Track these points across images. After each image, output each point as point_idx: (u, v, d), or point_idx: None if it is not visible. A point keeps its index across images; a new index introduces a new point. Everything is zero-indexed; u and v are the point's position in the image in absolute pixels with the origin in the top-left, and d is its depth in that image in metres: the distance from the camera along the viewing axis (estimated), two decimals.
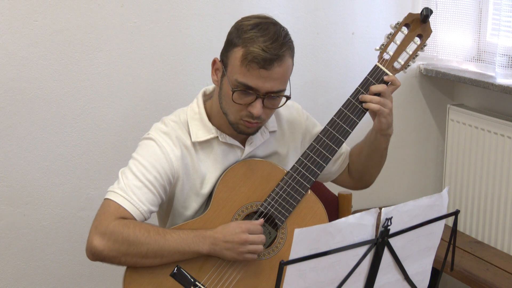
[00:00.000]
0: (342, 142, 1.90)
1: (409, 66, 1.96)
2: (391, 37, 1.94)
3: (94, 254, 1.77)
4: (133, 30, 2.59)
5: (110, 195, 1.82)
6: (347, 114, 1.90)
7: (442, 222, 1.58)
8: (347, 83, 3.00)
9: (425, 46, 1.97)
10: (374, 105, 1.87)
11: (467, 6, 2.96)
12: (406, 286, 1.58)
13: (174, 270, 1.78)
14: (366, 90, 1.90)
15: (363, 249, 1.45)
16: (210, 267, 1.82)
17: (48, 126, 2.53)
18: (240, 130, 1.85)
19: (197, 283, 1.79)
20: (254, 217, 1.88)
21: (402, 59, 1.95)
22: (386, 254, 1.49)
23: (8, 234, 2.54)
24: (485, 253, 2.86)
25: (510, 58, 2.77)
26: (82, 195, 2.63)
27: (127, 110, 2.64)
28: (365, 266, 1.48)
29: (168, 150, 1.85)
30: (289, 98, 1.84)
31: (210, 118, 1.91)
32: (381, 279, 1.51)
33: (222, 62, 1.84)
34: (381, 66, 1.92)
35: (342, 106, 1.90)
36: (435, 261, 1.63)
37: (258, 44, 1.75)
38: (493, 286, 2.59)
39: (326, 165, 1.89)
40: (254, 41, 1.76)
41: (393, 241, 1.48)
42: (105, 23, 2.54)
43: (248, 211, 1.87)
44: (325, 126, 1.91)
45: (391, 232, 1.47)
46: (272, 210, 1.86)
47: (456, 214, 1.60)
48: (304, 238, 1.37)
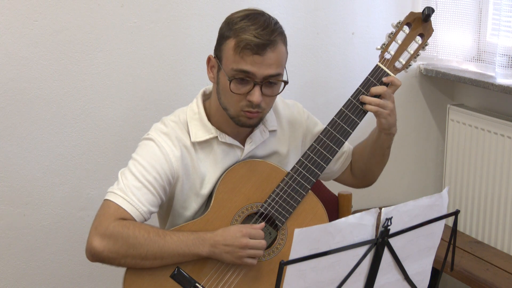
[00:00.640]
0: (343, 143, 1.89)
1: (410, 65, 1.96)
2: (393, 36, 1.93)
3: (94, 255, 1.77)
4: (133, 30, 2.59)
5: (109, 196, 1.82)
6: (348, 114, 1.89)
7: (442, 222, 1.58)
8: (347, 83, 2.99)
9: (426, 45, 1.96)
10: (372, 107, 1.87)
11: (467, 6, 2.96)
12: (406, 286, 1.58)
13: (174, 271, 1.78)
14: (367, 90, 1.89)
15: (363, 249, 1.45)
16: (210, 269, 1.82)
17: (48, 126, 2.53)
18: (241, 123, 1.84)
19: (197, 285, 1.79)
20: (254, 217, 1.88)
21: (403, 59, 1.94)
22: (386, 254, 1.49)
23: (8, 234, 2.54)
24: (485, 253, 2.86)
25: (510, 58, 2.77)
26: (82, 195, 2.62)
27: (127, 110, 2.64)
28: (365, 266, 1.48)
29: (167, 151, 1.85)
30: (287, 82, 1.83)
31: (209, 118, 1.90)
32: (381, 279, 1.51)
33: (217, 57, 1.85)
34: (382, 66, 1.91)
35: (343, 106, 1.90)
36: (435, 261, 1.63)
37: (249, 32, 1.76)
38: (493, 286, 2.58)
39: (327, 165, 1.89)
40: (245, 30, 1.77)
41: (393, 241, 1.48)
42: (105, 23, 2.54)
43: (248, 212, 1.87)
44: (325, 127, 1.90)
45: (391, 232, 1.47)
46: (272, 211, 1.86)
47: (456, 214, 1.60)
48: (304, 238, 1.37)
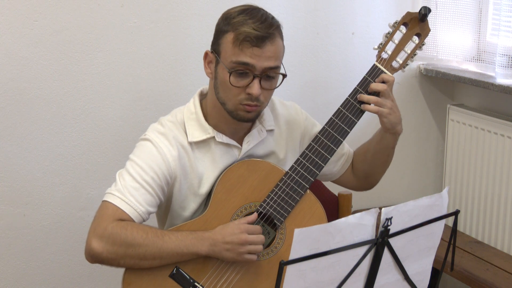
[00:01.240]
0: (341, 142, 1.89)
1: (407, 65, 1.95)
2: (389, 36, 1.93)
3: (93, 257, 1.77)
4: (133, 30, 2.59)
5: (107, 197, 1.81)
6: (346, 114, 1.89)
7: (442, 222, 1.58)
8: (347, 83, 2.99)
9: (423, 45, 1.96)
10: (370, 106, 1.87)
11: (467, 6, 2.96)
12: (406, 286, 1.58)
13: (173, 271, 1.78)
14: (365, 90, 1.89)
15: (363, 249, 1.45)
16: (209, 268, 1.82)
17: (48, 126, 2.53)
18: (240, 117, 1.84)
19: (196, 284, 1.79)
20: None
21: (400, 58, 1.93)
22: (386, 254, 1.49)
23: (8, 234, 2.54)
24: (485, 253, 2.86)
25: (510, 58, 2.77)
26: (82, 195, 2.63)
27: (127, 110, 2.64)
28: (365, 266, 1.48)
29: (165, 151, 1.84)
30: (285, 76, 1.85)
31: (206, 118, 1.90)
32: (381, 279, 1.51)
33: (214, 52, 1.85)
34: (379, 65, 1.91)
35: (340, 106, 1.89)
36: (435, 261, 1.63)
37: (248, 25, 1.77)
38: (493, 286, 2.58)
39: (325, 165, 1.88)
40: (243, 23, 1.77)
41: (393, 241, 1.48)
42: (105, 23, 2.54)
43: (247, 212, 1.86)
44: (323, 126, 1.90)
45: (391, 232, 1.47)
46: (270, 211, 1.86)
47: (456, 214, 1.60)
48: (304, 238, 1.37)
